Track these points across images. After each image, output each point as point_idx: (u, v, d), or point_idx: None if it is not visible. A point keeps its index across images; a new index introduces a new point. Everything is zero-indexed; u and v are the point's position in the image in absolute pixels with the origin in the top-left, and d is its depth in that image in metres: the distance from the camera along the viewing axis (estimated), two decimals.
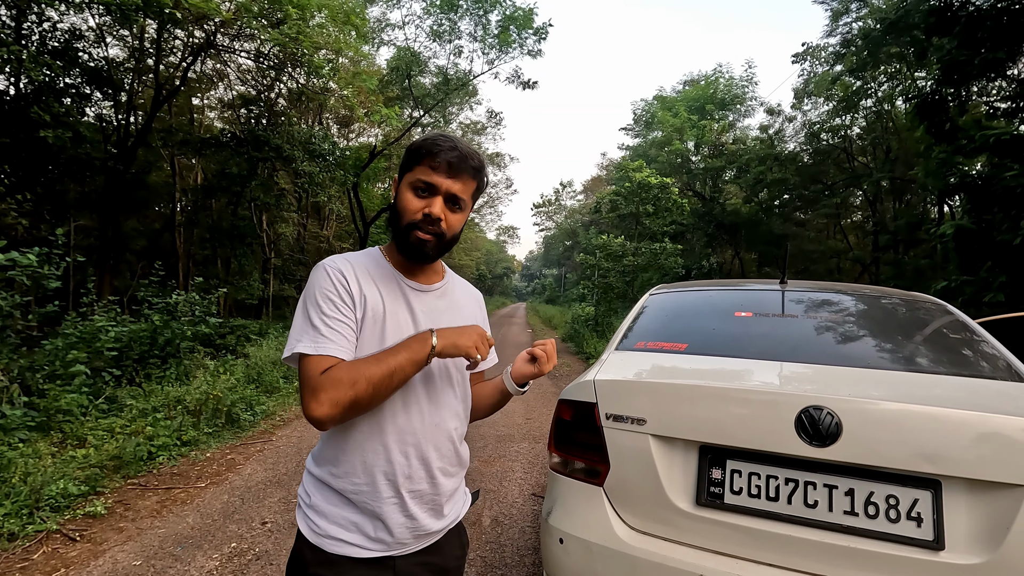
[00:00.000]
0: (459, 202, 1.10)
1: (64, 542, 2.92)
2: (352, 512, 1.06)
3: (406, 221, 1.08)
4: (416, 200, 1.08)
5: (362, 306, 1.06)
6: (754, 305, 2.26)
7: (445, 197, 1.07)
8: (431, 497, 1.11)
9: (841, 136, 17.56)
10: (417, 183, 1.07)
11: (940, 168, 8.33)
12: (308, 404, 0.96)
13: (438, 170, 1.06)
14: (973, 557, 1.26)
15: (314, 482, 1.11)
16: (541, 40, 15.39)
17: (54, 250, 4.97)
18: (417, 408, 1.09)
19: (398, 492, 1.07)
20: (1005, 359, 1.78)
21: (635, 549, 1.51)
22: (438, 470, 1.12)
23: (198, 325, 6.80)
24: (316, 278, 1.07)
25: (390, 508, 1.06)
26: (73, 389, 4.54)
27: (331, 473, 1.07)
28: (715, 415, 1.51)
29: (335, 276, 1.06)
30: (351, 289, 1.06)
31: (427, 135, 1.12)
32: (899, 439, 1.34)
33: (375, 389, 0.97)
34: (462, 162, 1.07)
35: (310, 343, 1.00)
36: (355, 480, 1.06)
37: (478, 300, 1.34)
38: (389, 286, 1.12)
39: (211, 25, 9.72)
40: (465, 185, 1.09)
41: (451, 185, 1.07)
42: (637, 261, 15.42)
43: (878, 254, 16.66)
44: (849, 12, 14.86)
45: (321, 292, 1.05)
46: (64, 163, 9.96)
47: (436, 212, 1.06)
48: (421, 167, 1.07)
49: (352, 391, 0.95)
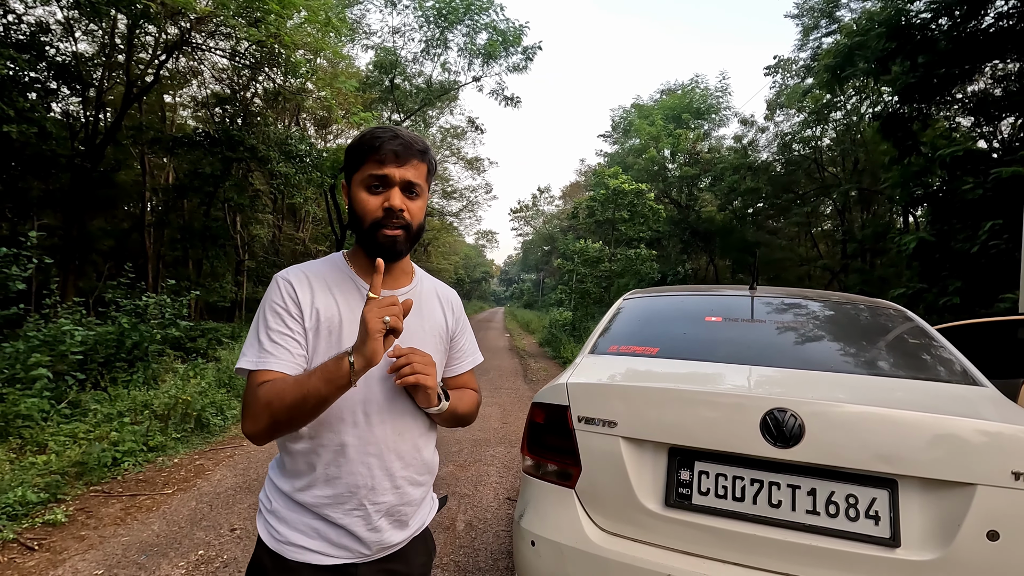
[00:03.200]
0: (415, 189, 1.06)
1: (21, 551, 2.82)
2: (314, 520, 1.03)
3: (369, 221, 1.04)
4: (373, 197, 1.03)
5: (313, 318, 1.03)
6: (724, 310, 2.32)
7: (401, 187, 1.04)
8: (397, 508, 1.07)
9: (812, 147, 18.04)
10: (369, 180, 1.03)
11: (904, 181, 8.65)
12: (242, 420, 0.97)
13: (386, 162, 1.02)
14: (927, 553, 1.31)
15: (275, 489, 1.07)
16: (529, 60, 15.49)
17: (23, 251, 4.82)
18: (378, 416, 1.04)
19: (361, 505, 1.03)
20: (960, 364, 1.86)
21: (605, 551, 1.53)
22: (403, 479, 1.08)
23: (168, 328, 6.64)
24: (268, 291, 1.06)
25: (353, 520, 1.03)
26: (34, 393, 4.38)
27: (292, 486, 1.04)
28: (684, 418, 1.54)
29: (283, 288, 1.04)
30: (299, 300, 1.03)
31: (363, 131, 1.08)
32: (859, 440, 1.38)
33: (291, 412, 0.93)
34: (407, 148, 1.03)
35: (252, 358, 0.99)
36: (316, 493, 1.02)
37: (451, 301, 1.26)
38: (348, 293, 1.07)
39: (186, 21, 9.53)
40: (416, 170, 1.05)
41: (403, 173, 1.03)
42: (614, 267, 15.59)
43: (847, 261, 17.13)
44: (819, 28, 15.32)
45: (269, 305, 1.03)
46: (28, 160, 9.63)
47: (397, 204, 1.02)
48: (368, 164, 1.03)
49: (268, 412, 0.93)
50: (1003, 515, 1.28)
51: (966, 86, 9.34)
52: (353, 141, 1.08)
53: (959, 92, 9.29)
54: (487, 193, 31.19)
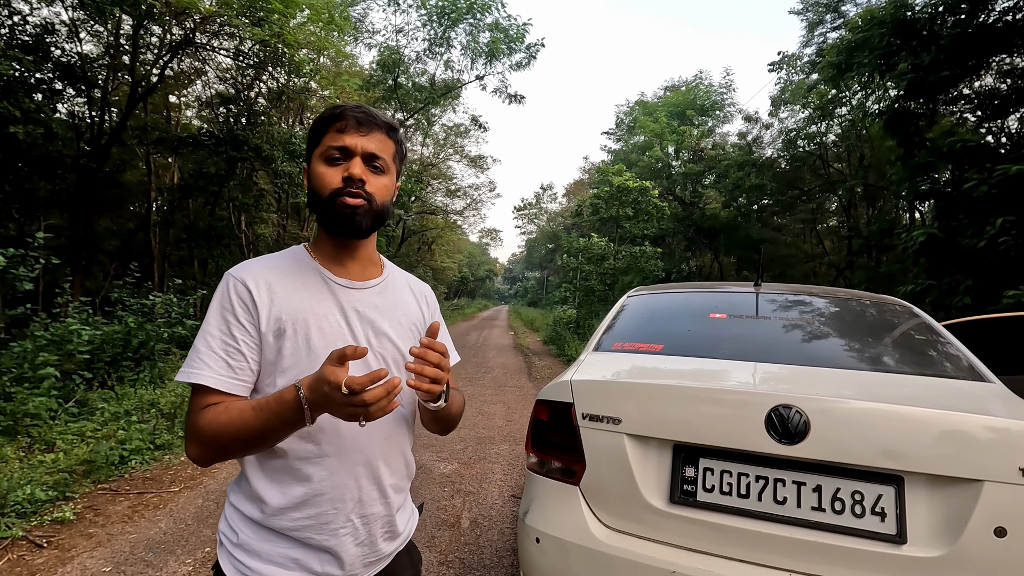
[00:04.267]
0: (378, 163, 0.96)
1: (30, 549, 2.84)
2: (293, 548, 0.91)
3: (328, 191, 0.94)
4: (331, 169, 0.94)
5: (272, 320, 0.91)
6: (729, 307, 2.31)
7: (363, 158, 0.94)
8: (385, 519, 1.00)
9: (817, 143, 17.94)
10: (328, 152, 0.94)
11: (911, 176, 8.59)
12: (186, 441, 0.87)
13: (347, 130, 0.93)
14: (933, 550, 1.31)
15: (241, 517, 0.94)
16: (532, 57, 15.49)
17: (30, 252, 4.85)
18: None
19: (349, 520, 0.93)
20: (967, 359, 1.85)
21: (610, 547, 1.53)
22: (390, 487, 1.00)
23: (174, 327, 6.67)
24: (217, 292, 0.93)
25: (341, 540, 0.93)
26: (42, 392, 4.41)
27: (262, 511, 0.91)
28: (688, 415, 1.54)
29: (234, 288, 0.91)
30: (255, 302, 0.90)
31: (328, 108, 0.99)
32: (864, 436, 1.38)
33: (243, 448, 0.86)
34: (371, 117, 0.95)
35: (187, 368, 0.88)
36: (294, 516, 0.90)
37: (426, 296, 1.17)
38: (313, 288, 0.97)
39: (190, 21, 9.56)
40: (381, 144, 0.96)
41: (366, 143, 0.94)
42: (618, 264, 15.56)
43: (852, 258, 17.03)
44: (824, 23, 15.22)
45: (216, 309, 0.91)
46: (34, 160, 9.68)
47: (356, 172, 0.92)
48: (328, 135, 0.95)
49: (215, 446, 0.84)
50: (1011, 511, 1.27)
51: (972, 81, 9.27)
52: (316, 118, 0.99)
53: (965, 87, 9.22)
54: (491, 191, 31.11)
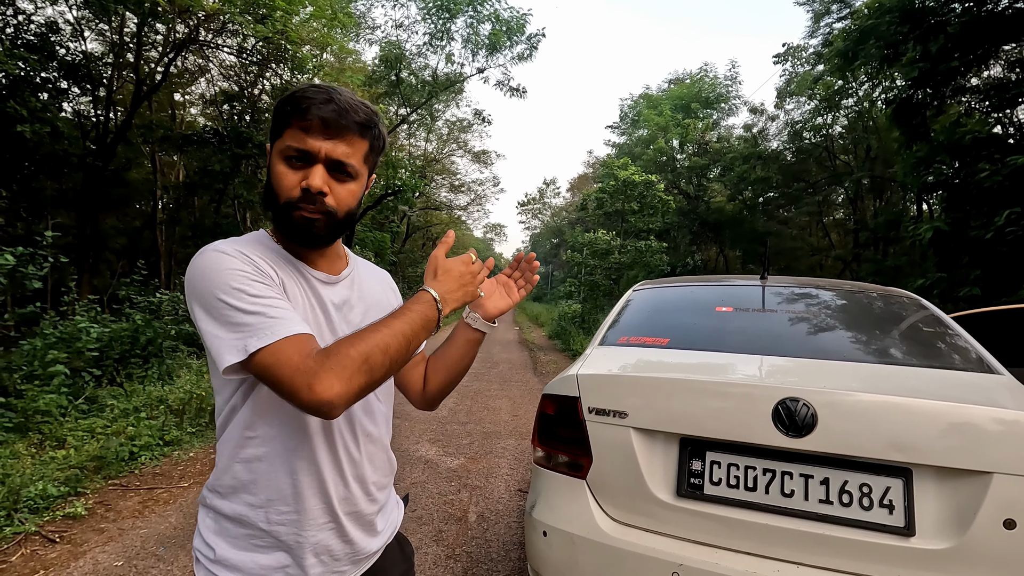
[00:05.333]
0: (347, 169, 0.85)
1: (43, 544, 2.88)
2: (274, 554, 0.87)
3: (283, 200, 0.84)
4: (290, 173, 0.84)
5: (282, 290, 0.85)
6: (735, 300, 2.30)
7: (327, 165, 0.84)
8: (369, 517, 0.97)
9: (823, 135, 17.82)
10: (287, 151, 0.83)
11: (917, 168, 8.52)
12: (314, 387, 0.71)
13: (311, 131, 0.82)
14: (942, 542, 1.30)
15: (216, 528, 0.89)
16: (534, 48, 15.42)
17: (39, 250, 4.89)
18: (348, 418, 0.92)
19: (335, 516, 0.90)
20: (976, 351, 1.84)
21: (617, 541, 1.54)
22: (373, 484, 0.98)
23: (181, 324, 6.72)
24: (214, 264, 0.80)
25: (325, 535, 0.90)
26: (52, 390, 4.45)
27: (247, 503, 0.86)
28: (695, 408, 1.54)
29: (240, 257, 0.81)
30: (264, 270, 0.83)
31: (297, 87, 0.86)
32: (872, 429, 1.37)
33: (391, 364, 0.78)
34: (341, 117, 0.82)
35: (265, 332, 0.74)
36: (281, 509, 0.86)
37: (389, 284, 1.15)
38: (294, 278, 0.90)
39: (194, 19, 9.57)
40: (351, 147, 0.85)
41: (331, 149, 0.83)
42: (623, 259, 15.52)
43: (859, 251, 16.94)
44: (830, 13, 15.07)
45: (234, 276, 0.78)
46: (41, 159, 9.75)
47: (316, 184, 0.82)
48: (290, 130, 0.83)
49: (367, 367, 0.75)
50: (1020, 504, 1.27)
51: (981, 71, 9.16)
52: (282, 97, 0.86)
53: (974, 77, 9.11)
54: (495, 186, 31.10)
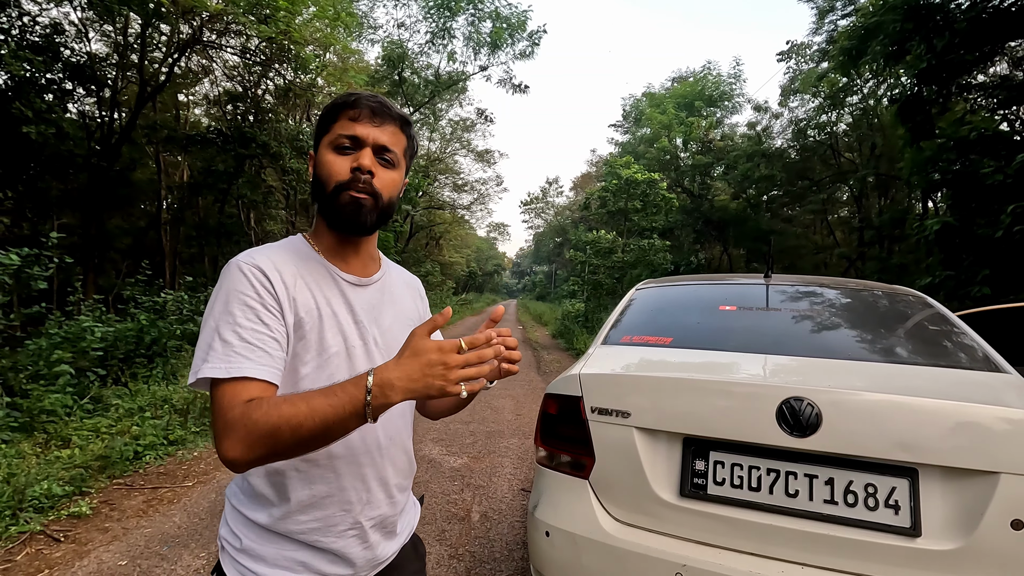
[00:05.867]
0: (389, 156, 0.92)
1: (48, 543, 2.89)
2: (299, 550, 0.89)
3: (333, 184, 0.90)
4: (340, 158, 0.90)
5: (292, 311, 0.86)
6: (738, 299, 2.29)
7: (374, 150, 0.91)
8: (390, 519, 0.99)
9: (827, 133, 17.71)
10: (338, 140, 0.90)
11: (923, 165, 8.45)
12: (220, 443, 0.73)
13: (359, 119, 0.90)
14: (948, 543, 1.29)
15: (245, 522, 0.91)
16: (535, 45, 15.42)
17: (44, 251, 4.92)
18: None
19: (357, 523, 0.92)
20: (982, 350, 1.82)
21: (620, 541, 1.53)
22: (395, 487, 0.99)
23: (186, 324, 6.75)
24: (228, 281, 0.84)
25: (348, 542, 0.92)
26: (57, 389, 4.48)
27: (270, 515, 0.89)
28: (698, 407, 1.53)
29: (253, 276, 0.84)
30: (275, 291, 0.85)
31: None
32: (877, 428, 1.36)
33: (301, 445, 0.74)
34: (386, 107, 0.92)
35: (220, 363, 0.77)
36: (301, 519, 0.88)
37: (418, 289, 1.16)
38: (323, 282, 0.93)
39: (198, 20, 9.60)
40: (394, 136, 0.93)
41: (378, 135, 0.91)
42: (626, 257, 15.49)
43: (864, 249, 16.84)
44: (835, 10, 14.98)
45: (236, 297, 0.82)
46: (46, 160, 9.80)
47: (366, 163, 0.89)
48: (339, 122, 0.91)
49: (271, 442, 0.73)
50: None
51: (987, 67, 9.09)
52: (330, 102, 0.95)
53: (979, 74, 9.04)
54: (498, 185, 31.05)
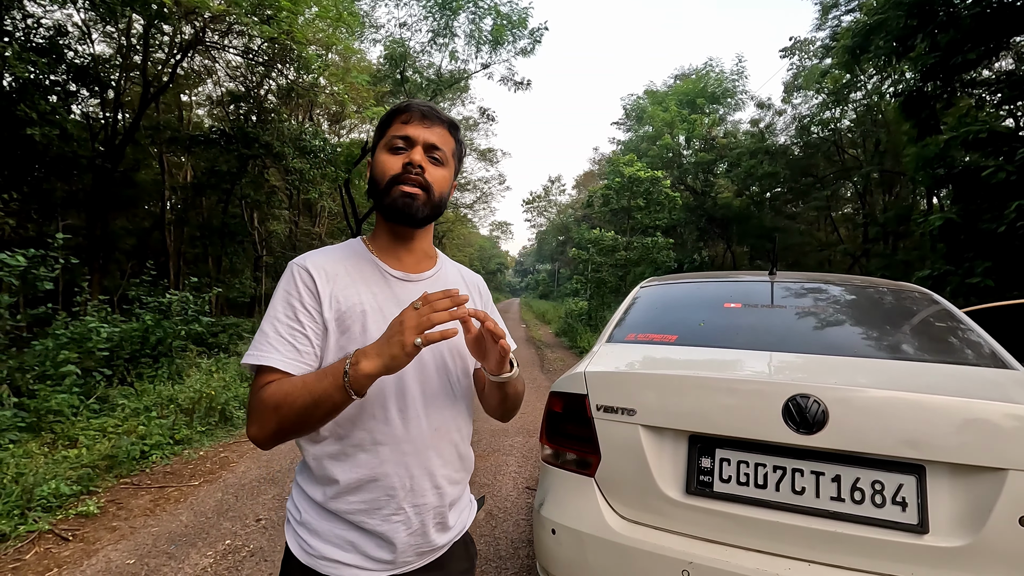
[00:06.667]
0: (439, 154, 1.02)
1: (56, 542, 2.91)
2: (349, 531, 0.96)
3: (387, 179, 0.99)
4: (393, 157, 1.00)
5: (333, 307, 0.96)
6: (743, 296, 2.29)
7: (424, 148, 1.00)
8: (438, 510, 1.01)
9: (831, 129, 17.62)
10: (391, 141, 1.00)
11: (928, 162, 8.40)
12: (247, 422, 0.89)
13: (411, 121, 1.00)
14: (956, 540, 1.29)
15: (304, 498, 1.00)
16: (537, 42, 15.40)
17: (50, 252, 4.95)
18: (414, 411, 0.98)
19: (401, 508, 0.96)
20: (989, 346, 1.81)
21: (626, 538, 1.53)
22: (443, 478, 1.02)
23: (190, 324, 6.78)
24: (282, 279, 0.99)
25: (393, 526, 0.96)
26: (64, 389, 4.50)
27: (324, 494, 0.96)
28: (704, 405, 1.53)
29: (298, 276, 0.97)
30: (317, 289, 0.96)
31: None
32: (884, 425, 1.36)
33: (300, 418, 0.85)
34: (435, 111, 1.02)
35: (255, 351, 0.92)
36: (350, 500, 0.95)
37: (478, 286, 1.20)
38: (371, 279, 1.01)
39: (200, 21, 9.62)
40: (443, 137, 1.02)
41: (428, 135, 1.00)
42: (629, 255, 15.46)
43: (868, 246, 16.77)
44: (838, 6, 14.90)
45: (281, 295, 0.96)
46: (51, 161, 9.83)
47: (416, 158, 0.98)
48: (393, 126, 1.01)
49: (275, 417, 0.86)
50: None
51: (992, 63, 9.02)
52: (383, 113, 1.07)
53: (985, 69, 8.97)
54: (500, 184, 31.04)
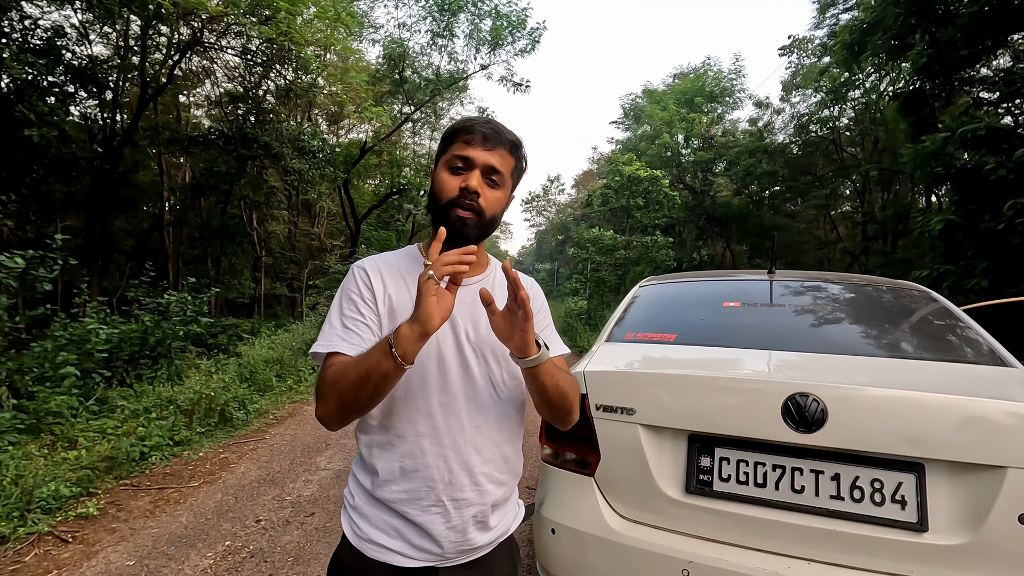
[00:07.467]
0: (496, 177, 1.03)
1: (56, 544, 2.91)
2: (394, 518, 1.02)
3: (444, 200, 1.02)
4: (452, 178, 1.02)
5: (386, 304, 1.04)
6: (742, 295, 2.29)
7: (483, 171, 1.02)
8: (478, 507, 1.03)
9: (830, 127, 17.62)
10: (452, 161, 1.03)
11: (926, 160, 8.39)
12: (316, 404, 0.97)
13: (472, 143, 1.01)
14: (955, 538, 1.29)
15: (357, 484, 1.08)
16: (536, 42, 15.38)
17: (49, 253, 4.94)
18: (454, 406, 1.02)
19: (439, 500, 1.00)
20: (988, 344, 1.81)
21: (626, 538, 1.53)
22: (483, 476, 1.04)
23: (190, 325, 6.76)
24: (345, 279, 1.09)
25: (432, 517, 1.00)
26: (63, 391, 4.49)
27: (372, 481, 1.03)
28: (703, 404, 1.53)
29: (358, 275, 1.07)
30: (372, 286, 1.05)
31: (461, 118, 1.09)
32: (883, 424, 1.36)
33: (356, 390, 0.90)
34: (497, 134, 1.03)
35: (323, 341, 1.01)
36: (393, 488, 1.01)
37: (529, 290, 1.15)
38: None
39: (198, 21, 9.61)
40: (503, 159, 1.04)
41: (488, 158, 1.01)
42: (629, 255, 15.45)
43: (867, 244, 16.77)
44: (836, 4, 14.89)
45: (345, 293, 1.06)
46: (49, 163, 9.83)
47: (473, 184, 1.00)
48: (455, 144, 1.03)
49: (335, 392, 0.92)
50: None
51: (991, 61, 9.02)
52: (449, 126, 1.08)
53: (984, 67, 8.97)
54: None
